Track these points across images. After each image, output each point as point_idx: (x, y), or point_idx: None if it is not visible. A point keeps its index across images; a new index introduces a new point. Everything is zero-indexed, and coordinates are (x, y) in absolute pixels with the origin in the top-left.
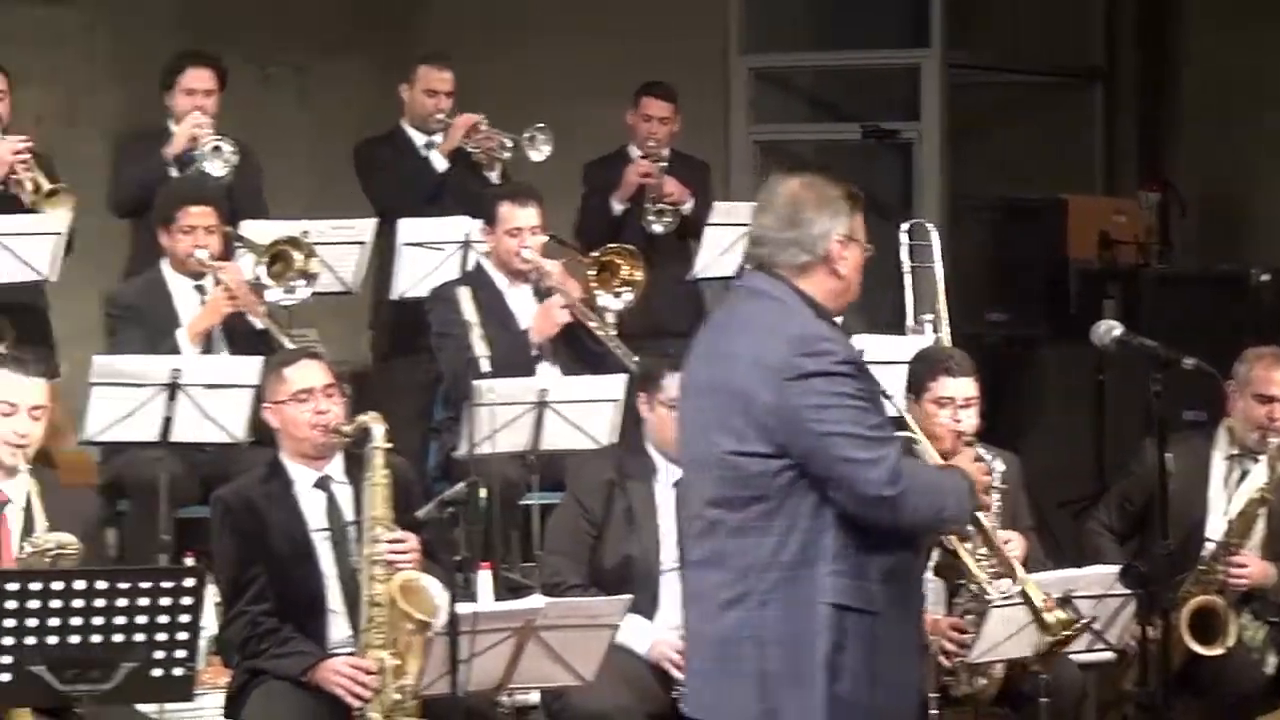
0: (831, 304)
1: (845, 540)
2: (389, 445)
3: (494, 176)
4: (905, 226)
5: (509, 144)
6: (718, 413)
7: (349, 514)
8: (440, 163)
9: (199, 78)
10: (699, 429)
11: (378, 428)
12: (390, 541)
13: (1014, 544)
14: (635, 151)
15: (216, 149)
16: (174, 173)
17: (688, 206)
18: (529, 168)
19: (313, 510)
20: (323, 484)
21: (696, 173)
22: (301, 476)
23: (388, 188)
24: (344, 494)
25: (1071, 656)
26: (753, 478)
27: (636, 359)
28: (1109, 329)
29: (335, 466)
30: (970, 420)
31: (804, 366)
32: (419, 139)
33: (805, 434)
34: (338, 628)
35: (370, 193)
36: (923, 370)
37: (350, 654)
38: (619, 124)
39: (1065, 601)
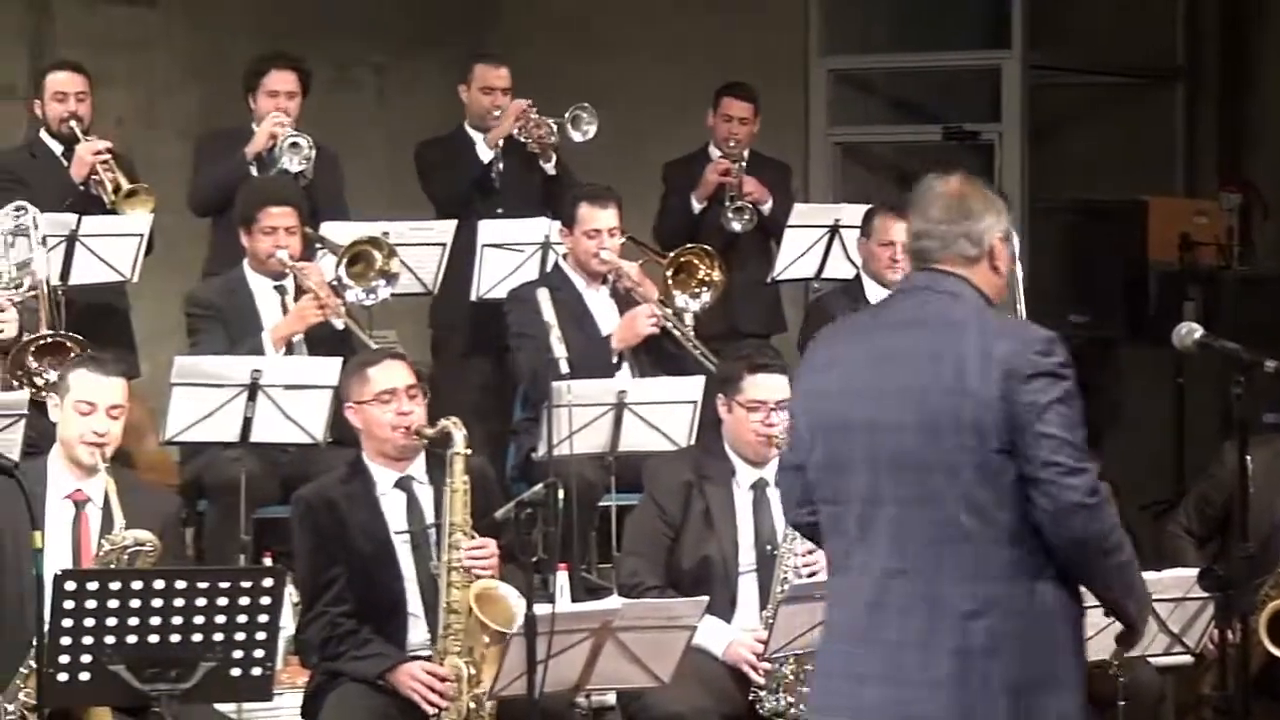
0: (995, 300)
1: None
2: (468, 451)
3: (549, 167)
4: None
5: (554, 127)
6: (942, 415)
7: (430, 515)
8: (485, 152)
9: (283, 80)
10: (892, 432)
11: (458, 433)
12: (470, 549)
13: None
14: (715, 152)
15: (294, 145)
16: (254, 172)
17: (767, 206)
18: (605, 174)
19: (394, 511)
20: (404, 484)
21: (777, 174)
22: (383, 477)
23: (442, 187)
24: (425, 494)
25: (1150, 660)
26: (1007, 482)
27: (715, 362)
28: (1190, 331)
29: (417, 467)
30: None
31: (1039, 365)
32: (479, 139)
33: (1026, 431)
34: (416, 631)
35: (428, 192)
36: None
37: (427, 658)
38: (696, 126)
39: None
